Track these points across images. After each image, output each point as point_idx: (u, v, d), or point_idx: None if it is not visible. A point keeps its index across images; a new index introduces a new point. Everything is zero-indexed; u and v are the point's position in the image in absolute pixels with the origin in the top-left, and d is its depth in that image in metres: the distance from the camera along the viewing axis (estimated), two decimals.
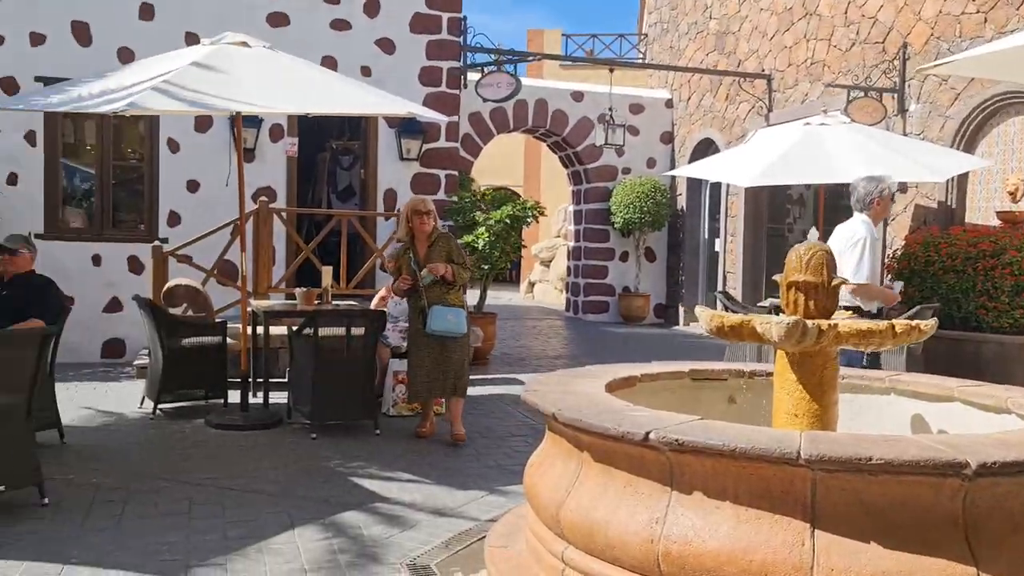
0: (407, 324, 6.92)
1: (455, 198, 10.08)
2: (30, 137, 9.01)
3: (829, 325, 3.20)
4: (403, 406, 6.74)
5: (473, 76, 11.32)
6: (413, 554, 3.78)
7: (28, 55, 8.91)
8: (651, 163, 14.66)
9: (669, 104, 14.86)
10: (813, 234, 3.67)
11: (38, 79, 8.86)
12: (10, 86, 8.77)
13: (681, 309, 14.33)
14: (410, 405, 6.68)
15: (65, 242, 9.05)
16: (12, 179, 8.98)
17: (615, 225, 14.30)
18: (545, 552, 3.14)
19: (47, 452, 5.04)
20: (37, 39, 9.02)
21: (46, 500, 4.27)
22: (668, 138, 14.79)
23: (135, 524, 4.07)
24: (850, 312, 4.39)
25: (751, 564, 2.50)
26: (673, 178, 14.22)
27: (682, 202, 14.42)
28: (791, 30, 11.68)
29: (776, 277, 3.49)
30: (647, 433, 2.69)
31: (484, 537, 3.80)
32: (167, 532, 3.96)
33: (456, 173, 10.55)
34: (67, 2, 9.08)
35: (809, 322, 3.17)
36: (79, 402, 6.90)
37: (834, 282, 3.35)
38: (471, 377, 8.38)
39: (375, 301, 7.32)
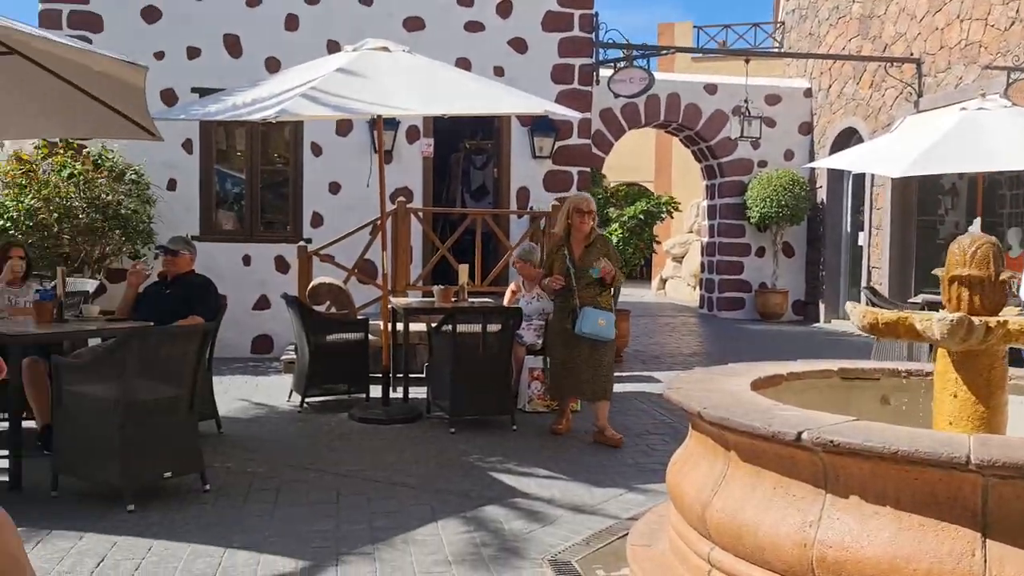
0: (541, 322, 6.98)
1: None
2: (187, 145, 9.60)
3: (997, 322, 3.00)
4: (539, 402, 6.77)
5: (605, 72, 11.26)
6: (554, 550, 3.79)
7: (185, 68, 9.49)
8: (789, 155, 14.17)
9: (808, 93, 14.33)
10: (976, 225, 3.46)
11: (194, 90, 9.42)
12: (169, 97, 9.35)
13: (821, 306, 13.79)
14: (546, 401, 6.71)
15: (218, 243, 9.56)
16: (172, 184, 9.59)
17: (751, 220, 13.91)
18: (690, 552, 3.08)
19: (207, 441, 5.33)
20: (193, 52, 9.59)
21: (208, 486, 4.54)
22: (807, 129, 14.26)
23: (288, 512, 4.26)
24: (1021, 309, 4.10)
25: (914, 573, 2.38)
26: (812, 170, 13.71)
27: (822, 195, 13.88)
28: (943, 11, 11.02)
29: (937, 271, 3.30)
30: (799, 433, 2.60)
31: (625, 535, 3.78)
32: (318, 520, 4.13)
33: (588, 170, 10.53)
34: (219, 17, 9.61)
35: (975, 319, 2.97)
36: (233, 395, 7.28)
37: (1002, 276, 3.13)
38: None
39: (507, 297, 7.40)
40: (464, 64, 9.57)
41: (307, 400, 6.85)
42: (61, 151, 8.83)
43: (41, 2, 9.35)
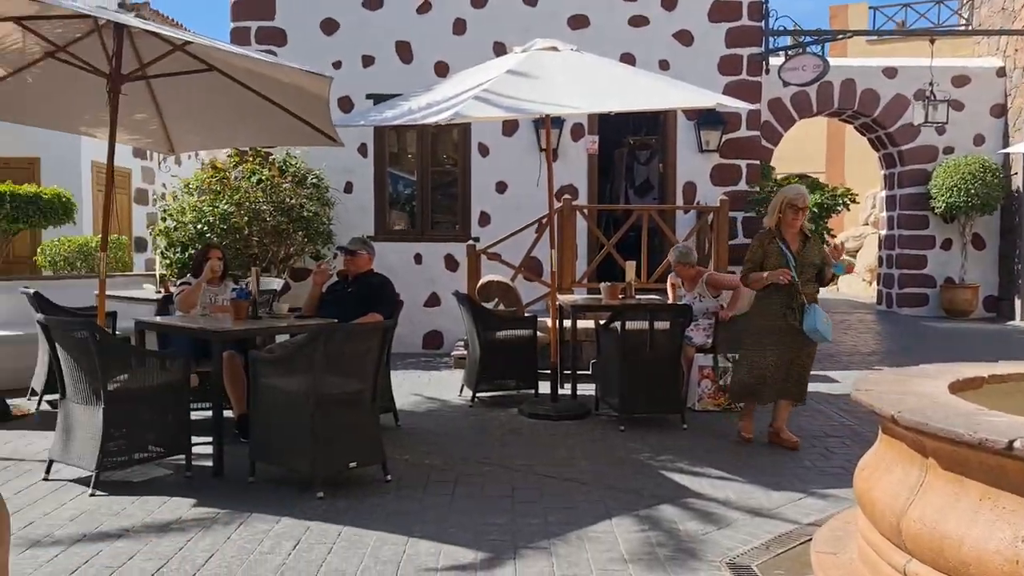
0: (709, 321, 6.83)
1: (757, 188, 9.74)
2: (362, 149, 10.05)
3: None
4: (709, 401, 6.63)
5: (775, 61, 10.86)
6: (732, 553, 3.70)
7: (360, 75, 9.94)
8: (979, 140, 13.16)
9: (1001, 73, 13.25)
10: None
11: (368, 96, 9.86)
12: (346, 104, 9.82)
13: (1017, 302, 12.73)
14: (717, 400, 6.57)
15: (391, 243, 9.95)
16: (348, 187, 10.07)
17: (935, 210, 13.02)
18: (882, 563, 2.92)
19: (385, 434, 5.54)
20: (367, 60, 10.03)
21: (389, 477, 4.74)
22: (1000, 111, 13.19)
23: (465, 504, 4.38)
24: None
25: None
26: (1007, 156, 12.67)
27: (1017, 182, 12.80)
28: None
29: None
30: (1011, 441, 2.41)
31: (806, 541, 3.63)
32: (494, 514, 4.22)
33: (757, 163, 10.20)
34: (392, 25, 10.00)
35: None
36: (407, 389, 7.56)
37: None
38: None
39: (670, 294, 7.28)
40: (629, 59, 9.52)
41: (478, 395, 7.01)
42: (250, 159, 9.46)
43: (232, 20, 10.05)
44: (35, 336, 6.70)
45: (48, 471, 4.72)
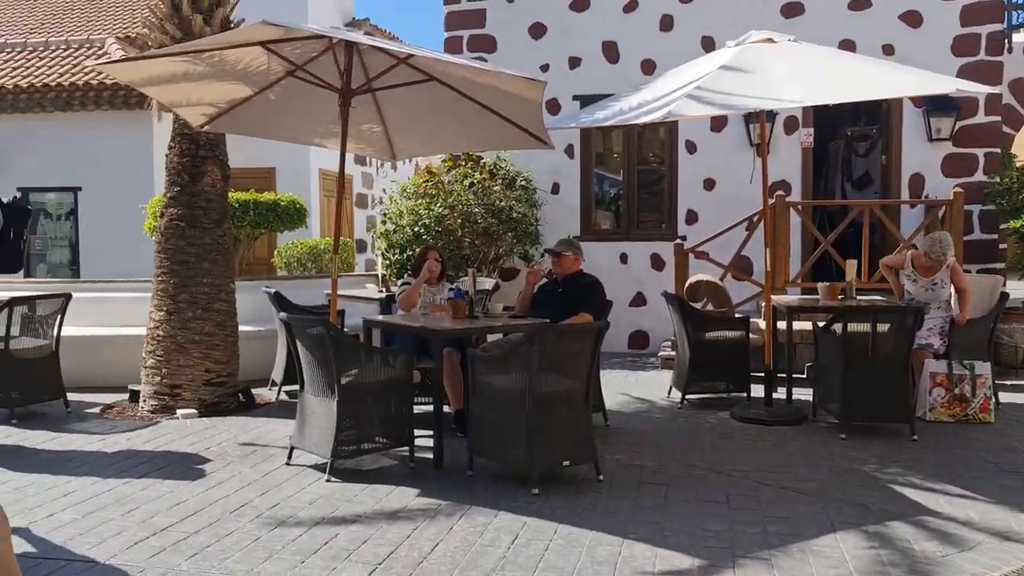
0: (944, 324, 6.34)
1: (997, 179, 8.91)
2: (569, 151, 10.16)
3: None
4: (942, 411, 6.14)
5: (1017, 38, 9.90)
6: None
7: (567, 77, 10.05)
8: None
9: None
10: None
11: (575, 98, 9.96)
12: (553, 107, 9.97)
13: None
14: (951, 410, 6.08)
15: (597, 242, 9.99)
16: (555, 188, 10.22)
17: None
18: None
19: (595, 433, 5.57)
20: (574, 62, 10.13)
21: (601, 477, 4.76)
22: None
23: (678, 508, 4.32)
24: None
25: None
26: None
27: None
28: None
29: None
30: None
31: None
32: (709, 520, 4.13)
33: (998, 151, 9.33)
34: (598, 26, 10.04)
35: None
36: (614, 389, 7.56)
37: None
38: (1016, 383, 7.39)
39: (889, 279, 6.82)
40: (848, 45, 9.02)
41: (687, 397, 6.90)
42: (463, 163, 9.84)
43: (446, 30, 10.48)
44: (275, 331, 7.35)
45: (289, 457, 5.14)
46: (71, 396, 6.68)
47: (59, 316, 6.52)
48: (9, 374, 6.13)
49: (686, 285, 8.09)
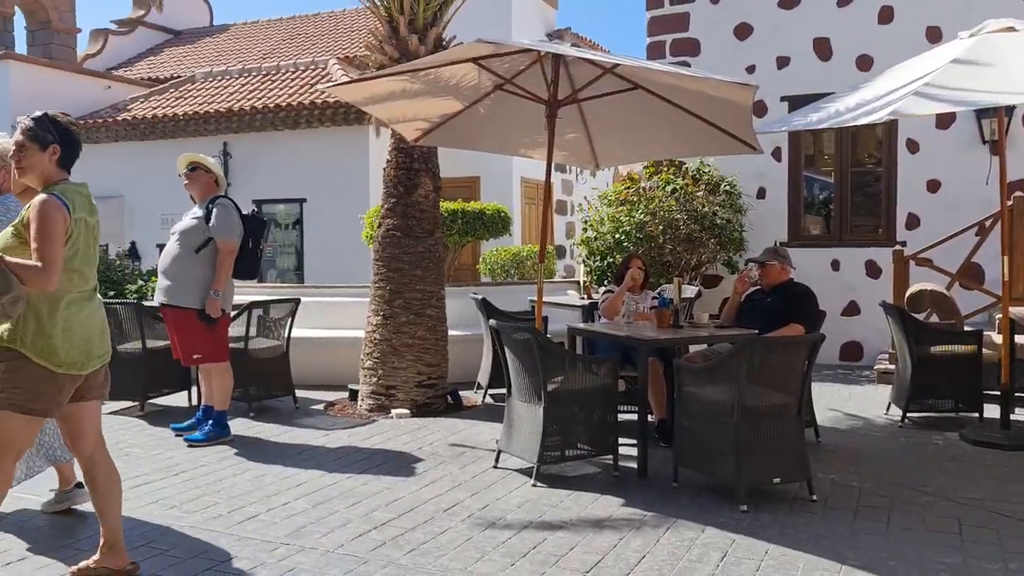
0: None
1: None
2: (776, 153, 9.79)
3: None
4: None
5: None
6: None
7: (775, 77, 9.69)
8: None
9: None
10: None
11: (783, 99, 9.60)
12: (760, 109, 9.65)
13: None
14: None
15: (805, 248, 9.56)
16: (761, 193, 9.89)
17: None
18: None
19: (807, 450, 5.35)
20: (782, 62, 9.76)
21: (814, 496, 4.55)
22: None
23: (903, 535, 4.04)
24: None
25: None
26: None
27: None
28: None
29: None
30: None
31: None
32: (940, 550, 3.83)
33: None
34: (809, 22, 9.62)
35: None
36: (824, 403, 7.19)
37: None
38: None
39: None
40: None
41: (908, 415, 6.45)
42: (664, 168, 9.73)
43: (648, 36, 10.42)
44: (480, 336, 7.60)
45: (497, 460, 5.29)
46: (298, 393, 7.23)
47: (290, 319, 7.08)
48: (248, 371, 6.72)
49: (907, 295, 7.57)
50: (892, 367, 7.60)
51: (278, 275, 14.45)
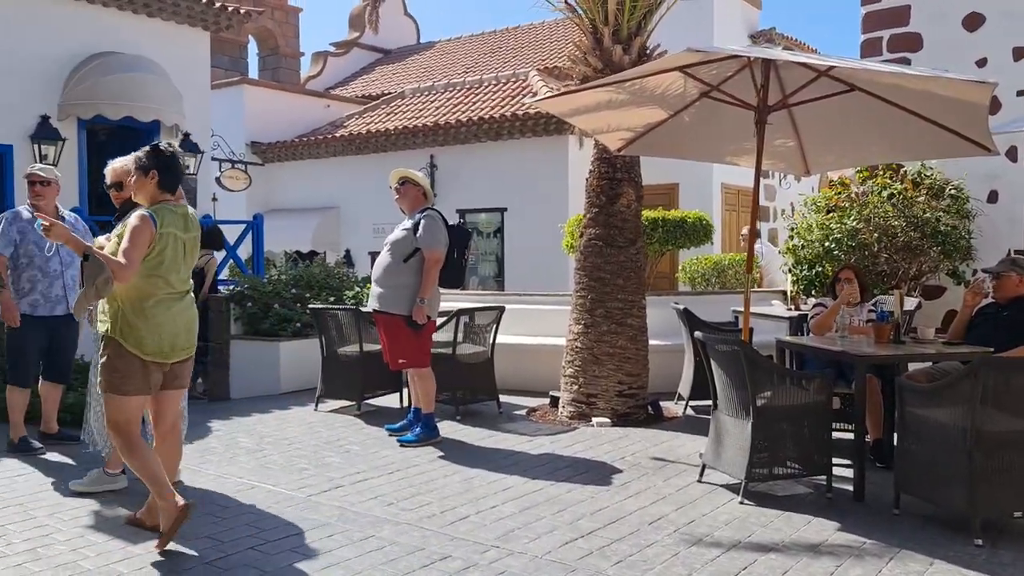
0: None
1: None
2: (1011, 153, 8.95)
3: None
4: None
5: None
6: None
7: (1010, 70, 8.86)
8: None
9: None
10: None
11: (1019, 94, 8.76)
12: (994, 106, 8.83)
13: None
14: None
15: None
16: (992, 197, 9.07)
17: None
18: None
19: None
20: (1019, 53, 8.91)
21: None
22: None
23: None
24: None
25: None
26: None
27: None
28: None
29: None
30: None
31: None
32: None
33: None
34: None
35: None
36: None
37: None
38: None
39: None
40: None
41: None
42: (880, 172, 9.16)
43: (863, 32, 9.86)
44: (681, 346, 7.48)
45: (701, 474, 5.19)
46: (501, 397, 7.43)
47: (494, 326, 7.30)
48: (455, 376, 6.99)
49: None
50: None
51: (479, 282, 14.93)
